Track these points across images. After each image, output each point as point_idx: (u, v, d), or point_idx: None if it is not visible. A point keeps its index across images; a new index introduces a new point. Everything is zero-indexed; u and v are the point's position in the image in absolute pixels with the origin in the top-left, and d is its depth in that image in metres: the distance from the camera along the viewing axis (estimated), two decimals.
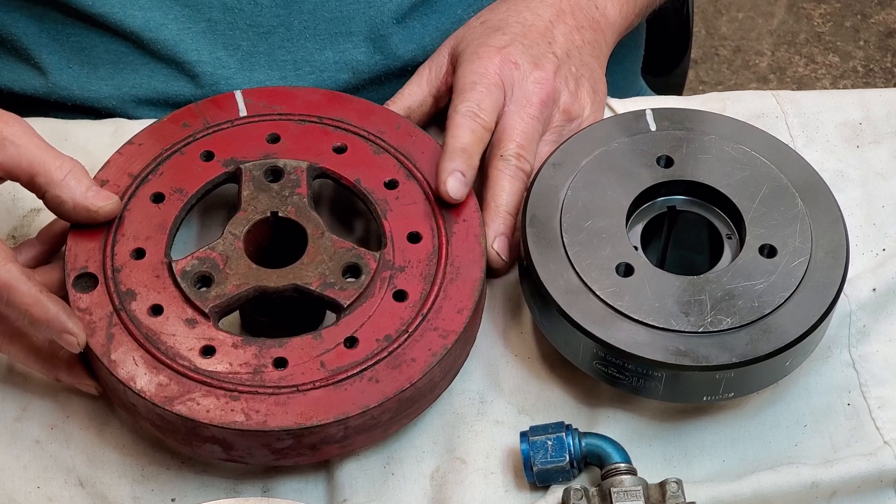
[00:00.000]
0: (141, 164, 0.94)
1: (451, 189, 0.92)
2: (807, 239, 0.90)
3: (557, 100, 0.99)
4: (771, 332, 0.87)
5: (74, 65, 1.10)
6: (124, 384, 0.85)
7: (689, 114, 0.98)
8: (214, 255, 0.90)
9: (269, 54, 1.09)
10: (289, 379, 0.85)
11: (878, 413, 0.92)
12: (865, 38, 2.54)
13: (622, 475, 0.85)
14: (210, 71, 1.09)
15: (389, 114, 0.98)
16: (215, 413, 0.84)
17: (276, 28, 1.08)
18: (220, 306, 0.88)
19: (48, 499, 0.88)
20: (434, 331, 0.88)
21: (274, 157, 0.94)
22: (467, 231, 0.92)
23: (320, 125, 0.97)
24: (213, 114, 0.97)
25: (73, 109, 1.11)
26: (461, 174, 0.93)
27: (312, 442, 0.85)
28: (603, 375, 0.89)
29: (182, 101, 1.10)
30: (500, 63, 0.98)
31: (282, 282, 0.89)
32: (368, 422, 0.85)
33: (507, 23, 1.02)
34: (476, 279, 0.90)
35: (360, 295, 0.88)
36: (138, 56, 1.09)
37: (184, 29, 1.08)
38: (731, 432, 0.92)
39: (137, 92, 1.10)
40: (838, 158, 1.04)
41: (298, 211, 0.92)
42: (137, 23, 1.07)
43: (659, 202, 0.95)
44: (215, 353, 0.86)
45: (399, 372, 0.86)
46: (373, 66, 1.10)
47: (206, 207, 0.99)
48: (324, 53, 1.10)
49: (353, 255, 0.90)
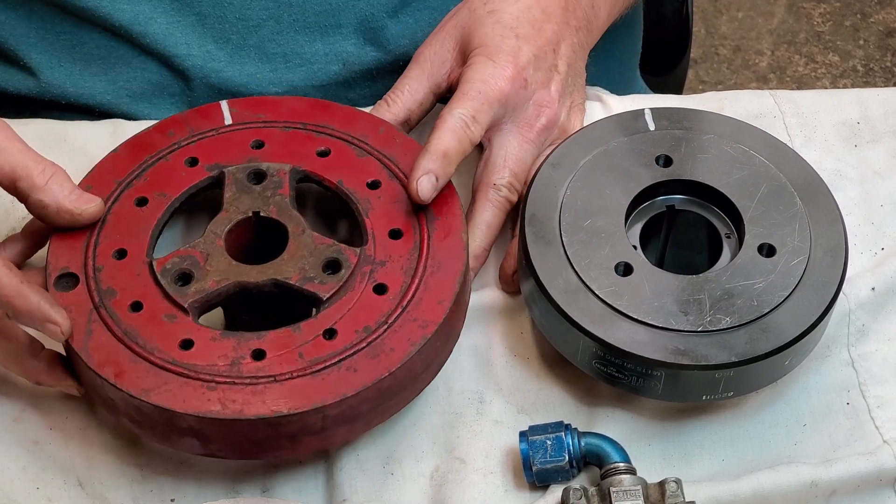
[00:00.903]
0: (125, 171, 0.94)
1: (422, 189, 0.91)
2: (806, 238, 0.90)
3: (558, 123, 0.98)
4: (770, 331, 0.87)
5: (66, 62, 1.10)
6: (102, 377, 0.85)
7: (688, 113, 0.98)
8: (195, 252, 0.90)
9: (258, 47, 1.09)
10: (266, 369, 0.85)
11: (877, 412, 0.92)
12: (865, 38, 2.54)
13: (621, 475, 0.85)
14: (200, 64, 1.09)
15: (373, 119, 0.98)
16: (192, 403, 0.84)
17: (265, 21, 1.08)
18: (199, 301, 0.88)
19: (48, 499, 0.88)
20: (414, 321, 0.87)
21: (257, 162, 0.95)
22: (449, 227, 0.92)
23: (304, 131, 0.97)
24: (199, 122, 0.97)
25: (66, 108, 1.11)
26: (435, 177, 0.91)
27: (290, 432, 0.85)
28: (602, 375, 0.89)
29: (176, 93, 1.11)
30: (512, 78, 0.96)
31: (261, 277, 0.89)
32: (347, 412, 0.85)
33: (519, 21, 0.99)
34: (457, 271, 0.90)
35: (339, 288, 0.88)
36: (129, 50, 1.09)
37: (173, 22, 1.08)
38: (730, 431, 0.92)
39: (131, 86, 1.10)
40: (836, 158, 1.04)
41: (280, 210, 0.92)
42: (126, 17, 1.07)
43: (658, 201, 0.95)
44: (194, 346, 0.86)
45: (378, 361, 0.86)
46: (364, 59, 1.10)
47: (191, 213, 0.99)
48: (314, 46, 1.10)
49: (333, 251, 0.90)
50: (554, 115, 0.98)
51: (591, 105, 1.06)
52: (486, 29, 0.99)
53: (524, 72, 0.97)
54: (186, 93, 1.10)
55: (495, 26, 0.99)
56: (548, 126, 0.98)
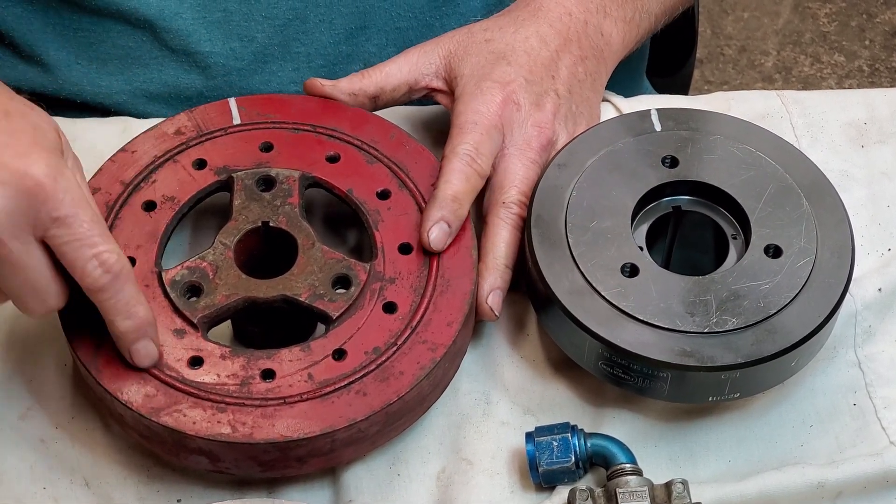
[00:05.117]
0: (133, 172, 0.94)
1: (434, 239, 0.90)
2: (812, 239, 0.90)
3: (555, 143, 0.98)
4: (776, 332, 0.87)
5: (83, 60, 1.10)
6: (111, 394, 0.85)
7: (694, 114, 0.98)
8: (204, 264, 0.90)
9: (283, 46, 1.09)
10: (276, 391, 0.85)
11: (883, 413, 0.92)
12: (871, 38, 2.54)
13: (628, 475, 0.85)
14: (222, 62, 1.09)
15: (384, 123, 0.97)
16: (202, 425, 0.84)
17: (291, 20, 1.08)
18: (209, 317, 0.88)
19: (54, 499, 0.88)
20: (423, 344, 0.87)
21: (266, 166, 0.94)
22: (459, 243, 0.92)
23: (314, 134, 0.96)
24: (207, 121, 0.97)
25: (81, 108, 1.11)
26: (447, 225, 0.91)
27: (299, 455, 0.85)
28: (608, 376, 0.89)
29: (193, 95, 1.10)
30: (503, 103, 0.96)
31: (271, 293, 0.89)
32: (356, 435, 0.85)
33: (514, 50, 0.98)
34: (466, 291, 0.89)
35: (349, 307, 0.88)
36: (148, 49, 1.09)
37: (198, 18, 1.08)
38: (736, 433, 0.92)
39: (148, 87, 1.10)
40: (843, 158, 1.04)
41: (289, 221, 0.92)
42: (152, 11, 1.07)
43: (664, 202, 0.94)
44: (203, 363, 0.86)
45: (387, 385, 0.85)
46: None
47: (198, 215, 0.98)
48: (338, 47, 1.10)
49: (343, 266, 0.90)
50: (550, 133, 0.96)
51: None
52: (480, 58, 0.98)
53: (514, 95, 0.96)
54: (204, 95, 1.10)
55: (488, 55, 0.98)
56: (546, 145, 0.96)
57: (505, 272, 0.92)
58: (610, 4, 1.03)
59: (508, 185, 0.95)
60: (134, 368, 0.86)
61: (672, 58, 1.41)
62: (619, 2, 1.04)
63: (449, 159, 0.93)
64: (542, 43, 0.99)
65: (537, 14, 1.01)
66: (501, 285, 0.92)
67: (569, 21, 1.01)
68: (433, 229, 0.91)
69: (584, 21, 1.01)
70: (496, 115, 0.95)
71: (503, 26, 1.01)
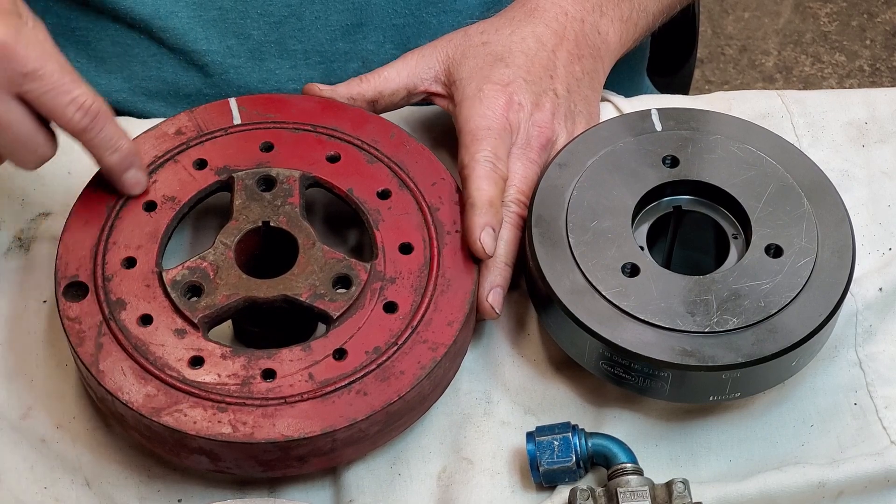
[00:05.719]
0: None
1: (487, 244, 0.90)
2: (813, 238, 0.90)
3: (555, 143, 0.98)
4: (777, 331, 0.87)
5: (82, 59, 1.10)
6: (112, 394, 0.85)
7: (695, 114, 0.98)
8: (205, 264, 0.90)
9: (279, 43, 1.09)
10: (277, 391, 0.85)
11: (884, 413, 0.92)
12: (872, 38, 2.54)
13: (628, 475, 0.85)
14: (220, 60, 1.09)
15: (384, 123, 0.97)
16: (202, 424, 0.84)
17: (287, 18, 1.08)
18: (209, 317, 0.88)
19: (55, 499, 0.88)
20: (423, 343, 0.87)
21: (267, 166, 0.94)
22: (459, 242, 0.92)
23: (314, 134, 0.96)
24: (207, 121, 0.97)
25: None
26: (492, 229, 0.91)
27: (300, 454, 0.85)
28: (609, 376, 0.89)
29: (192, 93, 1.10)
30: (507, 105, 0.96)
31: (271, 292, 0.89)
32: (356, 434, 0.85)
33: (511, 51, 0.99)
34: (467, 291, 0.89)
35: (349, 307, 0.88)
36: (145, 48, 1.09)
37: (194, 17, 1.08)
38: (737, 432, 0.92)
39: (147, 85, 1.10)
40: (844, 158, 1.04)
41: (290, 221, 0.92)
42: (147, 10, 1.07)
43: (665, 202, 0.94)
44: (204, 363, 0.86)
45: (387, 385, 0.86)
46: (383, 58, 1.10)
47: (199, 215, 0.98)
48: (335, 44, 1.10)
49: (343, 266, 0.90)
50: (550, 133, 0.97)
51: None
52: (477, 61, 0.99)
53: (515, 96, 0.96)
54: (203, 92, 1.10)
55: (486, 58, 0.99)
56: (545, 144, 0.96)
57: (505, 270, 0.93)
58: (606, 3, 1.04)
59: (508, 185, 0.95)
60: (136, 370, 0.86)
61: (673, 57, 1.41)
62: (616, 0, 1.04)
63: (472, 168, 0.93)
64: (539, 43, 1.00)
65: (533, 14, 1.01)
66: (502, 283, 0.92)
67: (565, 20, 1.01)
68: (483, 235, 0.91)
69: (580, 20, 1.02)
70: (504, 118, 0.95)
71: (499, 28, 1.01)
